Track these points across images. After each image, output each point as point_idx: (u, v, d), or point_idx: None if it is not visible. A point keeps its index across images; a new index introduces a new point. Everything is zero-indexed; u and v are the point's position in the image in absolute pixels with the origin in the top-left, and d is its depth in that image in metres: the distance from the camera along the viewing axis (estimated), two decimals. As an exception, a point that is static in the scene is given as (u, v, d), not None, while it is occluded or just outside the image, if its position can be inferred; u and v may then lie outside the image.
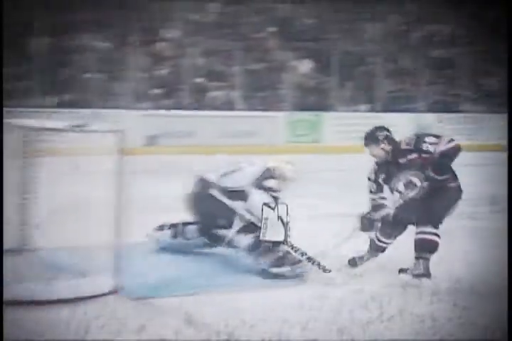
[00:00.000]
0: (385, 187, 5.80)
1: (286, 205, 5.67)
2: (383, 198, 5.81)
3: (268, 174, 6.04)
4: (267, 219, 5.62)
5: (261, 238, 5.67)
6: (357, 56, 20.16)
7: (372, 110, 19.58)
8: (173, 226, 6.40)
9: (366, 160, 5.96)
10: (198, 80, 18.21)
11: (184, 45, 18.17)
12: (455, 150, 5.59)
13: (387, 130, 5.85)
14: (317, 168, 12.85)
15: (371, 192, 5.84)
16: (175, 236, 6.34)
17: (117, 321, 4.24)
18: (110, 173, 4.86)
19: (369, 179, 5.84)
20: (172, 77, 18.04)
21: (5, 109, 14.69)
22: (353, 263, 5.89)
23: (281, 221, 5.62)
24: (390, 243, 5.89)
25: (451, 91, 20.23)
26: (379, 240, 5.88)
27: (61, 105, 15.98)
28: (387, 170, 5.76)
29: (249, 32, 20.01)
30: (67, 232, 5.81)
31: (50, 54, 16.25)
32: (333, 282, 5.36)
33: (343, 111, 19.07)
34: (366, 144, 5.81)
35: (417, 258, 5.53)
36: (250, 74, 18.55)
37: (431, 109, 19.79)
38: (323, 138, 18.28)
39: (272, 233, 5.62)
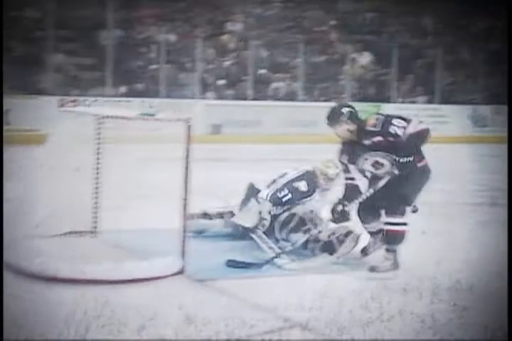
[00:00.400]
0: (354, 168, 5.55)
1: (270, 205, 5.98)
2: (351, 179, 5.56)
3: (304, 177, 6.20)
4: (249, 209, 6.04)
5: (232, 219, 6.08)
6: (416, 49, 20.45)
7: (430, 102, 19.84)
8: (223, 216, 6.46)
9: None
10: (261, 71, 18.61)
11: (248, 38, 18.55)
12: (424, 133, 5.30)
13: (352, 107, 5.50)
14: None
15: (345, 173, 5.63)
16: (226, 226, 6.36)
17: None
18: (177, 160, 4.97)
19: (339, 161, 5.61)
20: (236, 69, 18.47)
21: (78, 98, 15.40)
22: (364, 252, 5.72)
23: (260, 214, 5.97)
24: (376, 225, 5.62)
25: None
26: (365, 227, 5.70)
27: (131, 94, 16.51)
28: (352, 150, 5.46)
29: (311, 25, 20.44)
30: (135, 216, 6.27)
31: (120, 46, 16.71)
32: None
33: (401, 103, 19.31)
34: (330, 124, 5.46)
35: (386, 250, 5.44)
36: (312, 66, 18.91)
37: (487, 101, 19.96)
38: (382, 129, 18.43)
39: (244, 219, 5.97)
